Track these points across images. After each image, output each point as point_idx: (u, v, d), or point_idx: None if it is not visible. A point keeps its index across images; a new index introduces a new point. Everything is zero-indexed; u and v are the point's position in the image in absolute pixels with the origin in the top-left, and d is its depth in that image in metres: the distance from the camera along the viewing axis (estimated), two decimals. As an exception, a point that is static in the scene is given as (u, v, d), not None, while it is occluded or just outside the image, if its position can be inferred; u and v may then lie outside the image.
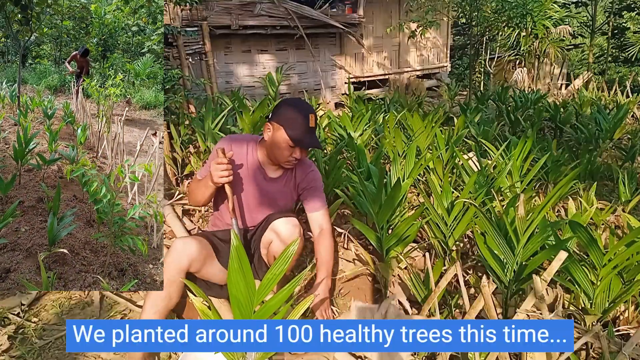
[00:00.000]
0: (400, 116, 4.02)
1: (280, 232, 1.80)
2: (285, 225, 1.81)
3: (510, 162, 2.72)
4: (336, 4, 9.34)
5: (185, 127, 3.82)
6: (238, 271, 1.21)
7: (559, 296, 1.41)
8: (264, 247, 1.90)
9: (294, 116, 1.73)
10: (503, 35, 10.26)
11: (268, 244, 1.85)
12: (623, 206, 2.83)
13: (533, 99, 5.55)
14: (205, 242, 1.76)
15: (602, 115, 4.63)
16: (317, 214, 1.96)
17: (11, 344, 1.73)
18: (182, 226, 2.62)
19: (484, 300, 1.32)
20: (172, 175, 3.45)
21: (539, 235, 1.66)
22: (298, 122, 1.72)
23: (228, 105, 4.52)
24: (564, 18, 10.15)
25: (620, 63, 13.46)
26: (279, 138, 1.75)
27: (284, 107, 1.77)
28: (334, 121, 3.97)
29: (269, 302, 1.27)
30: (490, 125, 4.12)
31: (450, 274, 1.48)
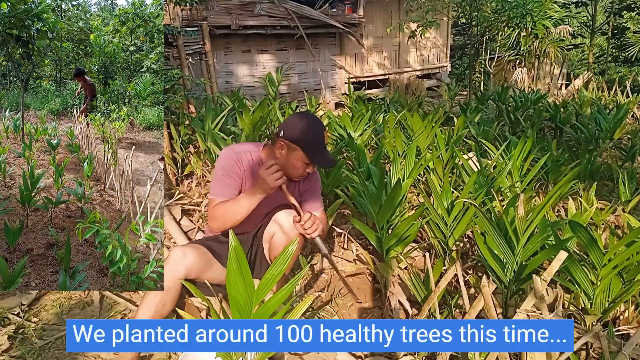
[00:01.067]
0: (400, 116, 4.02)
1: (283, 224, 1.80)
2: (288, 217, 1.81)
3: (510, 162, 2.72)
4: (336, 4, 9.33)
5: (185, 127, 3.82)
6: (237, 272, 1.21)
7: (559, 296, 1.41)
8: (266, 241, 1.89)
9: (310, 135, 1.70)
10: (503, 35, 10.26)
11: (270, 237, 1.85)
12: (623, 206, 2.82)
13: (533, 99, 5.55)
14: (203, 250, 1.75)
15: (602, 115, 4.63)
16: (315, 213, 1.96)
17: (11, 344, 1.73)
18: (178, 228, 2.62)
19: (484, 300, 1.32)
20: (172, 175, 3.45)
21: (539, 235, 1.66)
22: (315, 141, 1.71)
23: (228, 105, 4.53)
24: (564, 18, 10.15)
25: (620, 63, 13.45)
26: (295, 157, 1.72)
27: (299, 125, 1.72)
28: (334, 121, 3.97)
29: (268, 302, 1.27)
30: (490, 125, 4.12)
31: (450, 274, 1.48)
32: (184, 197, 3.10)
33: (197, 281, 1.74)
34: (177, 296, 1.65)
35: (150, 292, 1.62)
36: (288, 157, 1.73)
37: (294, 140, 1.70)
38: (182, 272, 1.64)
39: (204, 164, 3.45)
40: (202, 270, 1.71)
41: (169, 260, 1.65)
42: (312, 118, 1.77)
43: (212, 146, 3.27)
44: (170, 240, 2.56)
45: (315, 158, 1.73)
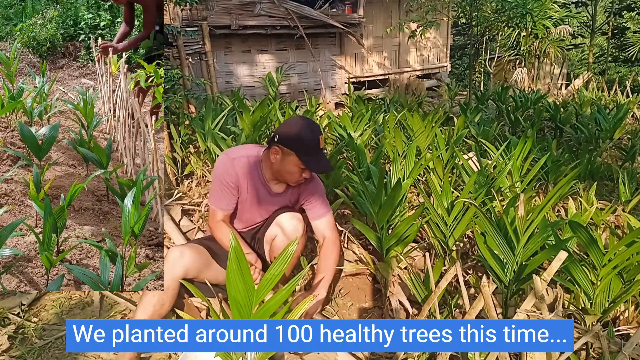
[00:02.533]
0: (400, 116, 4.02)
1: (285, 227, 1.80)
2: (290, 220, 1.81)
3: (510, 162, 2.72)
4: (336, 4, 9.33)
5: (185, 127, 3.82)
6: (236, 272, 1.21)
7: (559, 296, 1.40)
8: (267, 243, 1.89)
9: (305, 140, 1.66)
10: (503, 35, 10.27)
11: (272, 239, 1.85)
12: (623, 206, 2.82)
13: (533, 99, 5.55)
14: (201, 250, 1.75)
15: (602, 115, 4.63)
16: (319, 222, 1.93)
17: (11, 344, 1.73)
18: (177, 228, 2.61)
19: (484, 300, 1.32)
20: (172, 175, 3.45)
21: (539, 235, 1.66)
22: (310, 145, 1.67)
23: (228, 105, 4.53)
24: (564, 18, 10.15)
25: (620, 63, 13.46)
26: (289, 162, 1.69)
27: (293, 129, 1.69)
28: (334, 121, 3.97)
29: (268, 302, 1.27)
30: (490, 125, 4.12)
31: (450, 274, 1.48)
32: (183, 197, 3.10)
33: (195, 281, 1.74)
34: (175, 296, 1.65)
35: (149, 292, 1.62)
36: (283, 162, 1.71)
37: (289, 145, 1.67)
38: (180, 271, 1.64)
39: (204, 164, 3.45)
40: (201, 270, 1.71)
41: (167, 260, 1.65)
42: (307, 122, 1.72)
43: (212, 146, 3.27)
44: (170, 241, 2.56)
45: (310, 164, 1.69)
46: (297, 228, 1.81)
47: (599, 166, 3.55)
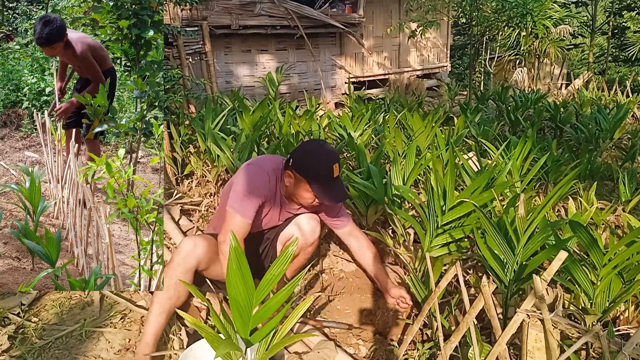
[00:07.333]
0: (400, 116, 4.02)
1: (303, 227, 1.81)
2: (308, 221, 1.81)
3: (510, 162, 2.72)
4: (336, 3, 9.34)
5: (185, 127, 3.82)
6: (236, 272, 1.21)
7: (559, 296, 1.40)
8: (281, 243, 1.89)
9: (318, 169, 1.63)
10: (503, 35, 10.27)
11: (287, 239, 1.85)
12: (623, 206, 2.82)
13: (533, 98, 5.55)
14: (213, 241, 1.75)
15: (602, 115, 4.63)
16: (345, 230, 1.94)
17: (11, 344, 1.73)
18: (177, 228, 2.62)
19: (484, 300, 1.32)
20: (172, 175, 3.45)
21: (539, 235, 1.66)
22: (322, 174, 1.63)
23: (228, 105, 4.52)
24: (564, 18, 10.15)
25: (621, 63, 13.46)
26: (302, 189, 1.67)
27: (307, 156, 1.66)
28: (334, 121, 3.97)
29: (268, 302, 1.27)
30: (490, 125, 4.11)
31: (450, 274, 1.48)
32: (183, 197, 3.10)
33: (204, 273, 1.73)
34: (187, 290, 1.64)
35: (159, 292, 1.62)
36: (296, 187, 1.70)
37: (301, 172, 1.65)
38: (193, 263, 1.63)
39: (204, 164, 3.45)
40: (212, 261, 1.71)
41: (179, 251, 1.64)
42: (322, 149, 1.68)
43: (212, 146, 3.27)
44: (169, 241, 2.56)
45: (321, 194, 1.65)
46: (315, 230, 1.82)
47: (599, 166, 3.54)
